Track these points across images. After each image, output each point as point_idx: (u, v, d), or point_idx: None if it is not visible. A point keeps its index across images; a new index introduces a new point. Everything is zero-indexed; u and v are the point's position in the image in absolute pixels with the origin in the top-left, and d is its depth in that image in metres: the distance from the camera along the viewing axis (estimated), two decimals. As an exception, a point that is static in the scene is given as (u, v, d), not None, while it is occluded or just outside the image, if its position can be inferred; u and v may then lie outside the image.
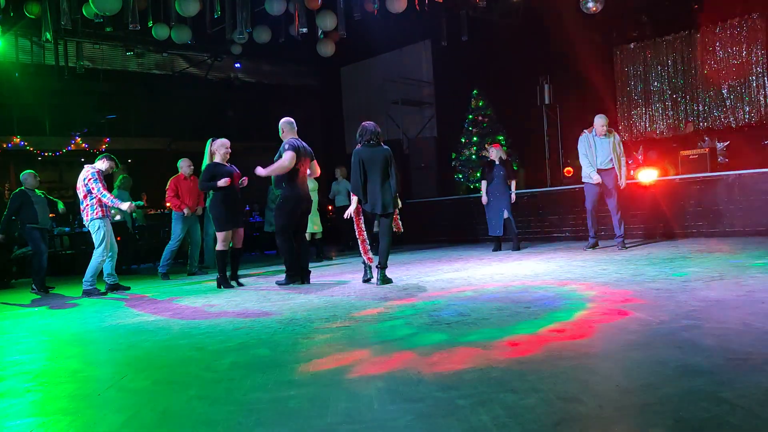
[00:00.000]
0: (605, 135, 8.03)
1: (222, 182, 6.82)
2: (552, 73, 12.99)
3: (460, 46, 12.75)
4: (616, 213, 8.03)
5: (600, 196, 8.12)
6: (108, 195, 7.31)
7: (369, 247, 6.34)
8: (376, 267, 6.22)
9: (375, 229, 6.70)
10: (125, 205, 7.56)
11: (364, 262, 6.43)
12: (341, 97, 17.34)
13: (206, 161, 7.11)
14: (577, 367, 2.67)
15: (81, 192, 7.39)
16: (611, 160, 7.98)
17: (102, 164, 7.56)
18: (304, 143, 6.90)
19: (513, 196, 9.16)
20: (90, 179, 7.33)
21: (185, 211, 9.01)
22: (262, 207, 13.76)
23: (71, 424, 2.53)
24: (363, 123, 6.42)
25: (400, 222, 6.42)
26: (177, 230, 9.12)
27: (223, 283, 7.07)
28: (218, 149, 7.13)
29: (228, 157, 7.20)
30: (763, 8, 11.03)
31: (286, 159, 6.58)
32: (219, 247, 7.07)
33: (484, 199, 9.31)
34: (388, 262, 6.30)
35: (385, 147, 6.33)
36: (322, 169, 7.25)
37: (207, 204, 8.75)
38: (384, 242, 6.25)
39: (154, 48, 14.19)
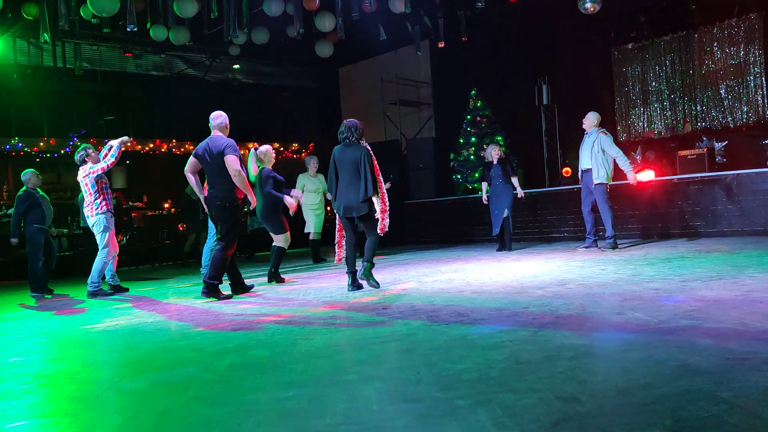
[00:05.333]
0: (590, 133, 8.04)
1: (289, 201, 7.23)
2: (550, 73, 13.01)
3: (458, 46, 12.77)
4: (604, 213, 8.00)
5: (589, 196, 8.12)
6: (107, 157, 7.27)
7: (340, 249, 6.21)
8: (357, 266, 6.03)
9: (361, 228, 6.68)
10: (124, 139, 7.37)
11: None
12: (339, 98, 17.34)
13: (252, 167, 7.29)
14: (575, 367, 2.68)
15: (87, 188, 7.33)
16: (590, 159, 7.98)
17: (91, 162, 7.47)
18: (203, 144, 6.27)
19: (520, 191, 8.98)
20: (92, 172, 7.31)
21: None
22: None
23: (70, 425, 2.53)
24: (344, 120, 6.24)
25: (386, 223, 6.08)
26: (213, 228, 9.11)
27: (275, 277, 7.37)
28: (266, 156, 7.40)
29: (273, 161, 7.53)
30: (761, 8, 11.05)
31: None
32: (281, 244, 7.40)
33: (485, 198, 9.27)
34: (375, 259, 6.11)
35: (363, 146, 5.98)
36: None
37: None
38: (368, 240, 6.03)
39: (152, 49, 14.17)
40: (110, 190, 7.60)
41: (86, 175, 7.33)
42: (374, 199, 6.01)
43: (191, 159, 6.31)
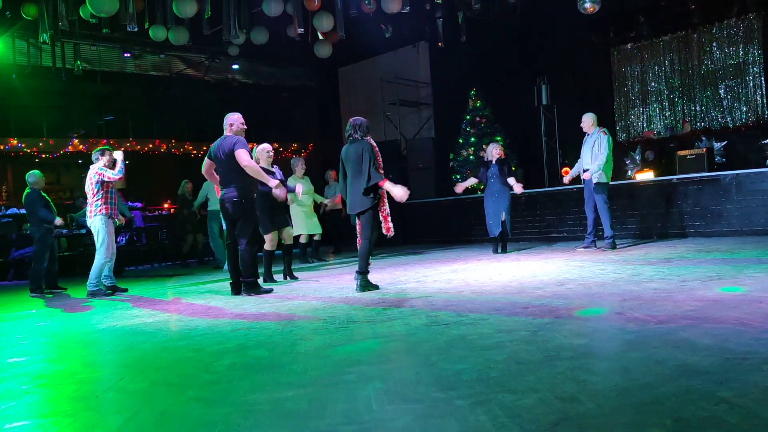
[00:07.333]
0: (591, 133, 8.05)
1: (276, 193, 6.98)
2: (549, 73, 13.01)
3: (457, 46, 12.77)
4: (602, 213, 8.00)
5: (591, 196, 8.12)
6: (114, 171, 7.34)
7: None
8: (356, 273, 5.88)
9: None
10: (118, 154, 7.45)
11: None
12: (339, 98, 17.35)
13: None
14: (575, 367, 2.68)
15: (91, 191, 7.37)
16: (591, 159, 7.98)
17: (101, 162, 7.49)
18: (215, 145, 6.41)
19: (517, 187, 8.64)
20: (99, 173, 7.33)
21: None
22: None
23: (70, 425, 2.53)
24: (350, 119, 6.17)
25: (390, 223, 5.92)
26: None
27: (268, 278, 7.35)
28: (260, 154, 7.32)
29: (272, 160, 7.42)
30: (760, 8, 11.06)
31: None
32: (267, 246, 7.36)
33: (459, 188, 9.02)
34: (369, 267, 5.87)
35: (364, 141, 5.85)
36: (321, 170, 7.23)
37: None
38: (361, 245, 5.85)
39: (152, 49, 14.17)
40: (116, 196, 7.60)
41: (93, 174, 7.36)
42: (386, 185, 5.71)
43: (206, 161, 6.43)
